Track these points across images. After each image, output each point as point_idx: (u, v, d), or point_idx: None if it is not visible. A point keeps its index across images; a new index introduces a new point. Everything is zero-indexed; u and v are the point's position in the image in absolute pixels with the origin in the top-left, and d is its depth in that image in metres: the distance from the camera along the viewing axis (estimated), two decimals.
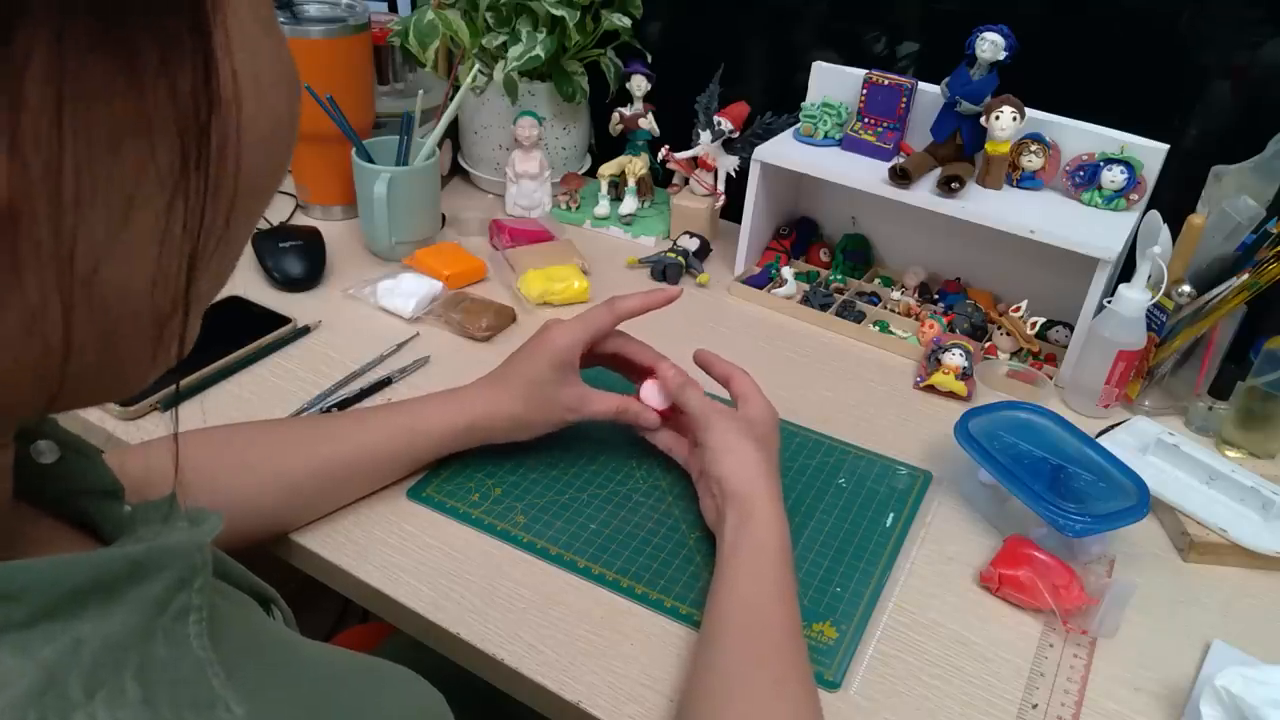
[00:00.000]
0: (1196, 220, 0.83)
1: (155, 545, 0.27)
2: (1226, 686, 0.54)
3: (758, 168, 1.01)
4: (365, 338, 0.89)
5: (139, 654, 0.25)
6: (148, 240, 0.23)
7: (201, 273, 0.25)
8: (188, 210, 0.23)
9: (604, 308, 0.72)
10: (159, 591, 0.27)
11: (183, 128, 0.22)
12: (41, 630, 0.23)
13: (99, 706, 0.23)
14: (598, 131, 1.24)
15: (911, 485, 0.77)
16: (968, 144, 0.96)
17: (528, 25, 1.08)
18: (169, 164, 0.22)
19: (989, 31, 0.90)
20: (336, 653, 0.37)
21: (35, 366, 0.23)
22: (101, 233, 0.21)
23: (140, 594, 0.26)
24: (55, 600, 0.24)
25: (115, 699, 0.23)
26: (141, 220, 0.22)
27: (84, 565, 0.25)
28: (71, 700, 0.23)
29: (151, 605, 0.26)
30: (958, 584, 0.68)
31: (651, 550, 0.68)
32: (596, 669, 0.59)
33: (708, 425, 0.67)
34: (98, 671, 0.23)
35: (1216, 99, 0.94)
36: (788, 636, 0.57)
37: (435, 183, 1.06)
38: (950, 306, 1.00)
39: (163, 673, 0.25)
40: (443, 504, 0.70)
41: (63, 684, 0.23)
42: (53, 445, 0.31)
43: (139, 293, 0.24)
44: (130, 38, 0.20)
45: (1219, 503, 0.75)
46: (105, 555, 0.26)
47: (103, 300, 0.23)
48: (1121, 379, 0.85)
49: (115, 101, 0.20)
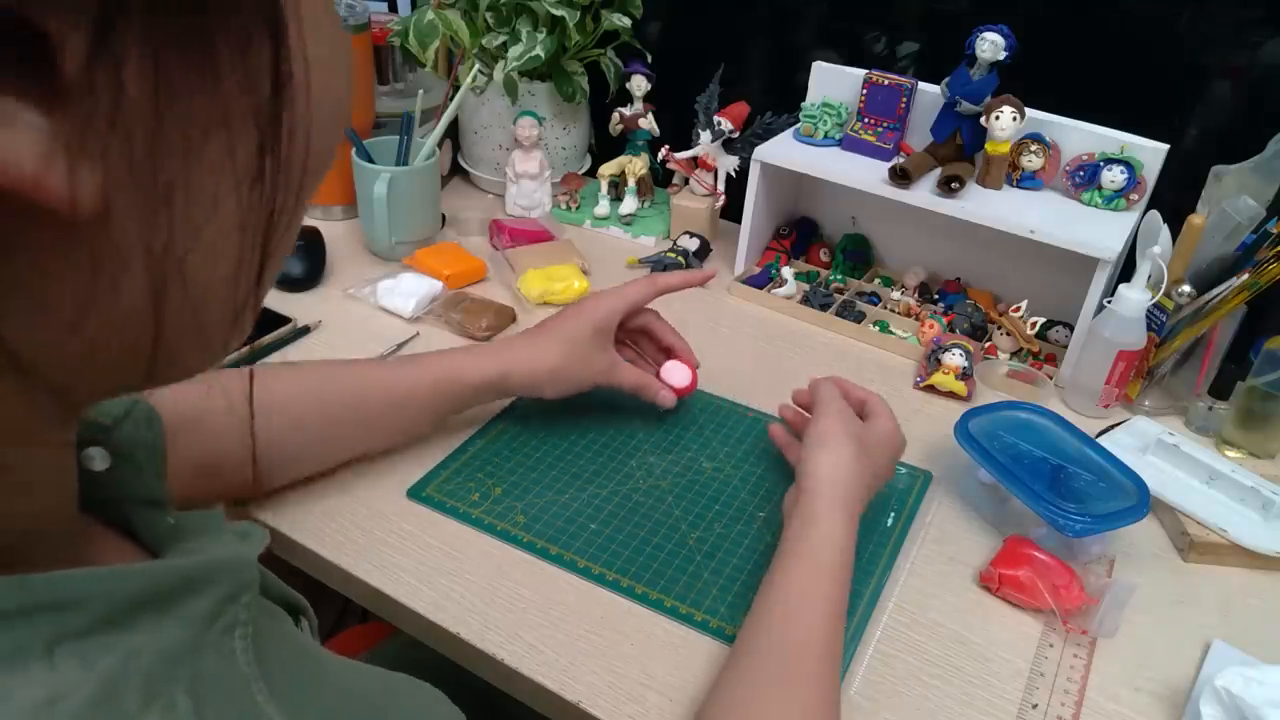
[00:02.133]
0: (1196, 220, 0.83)
1: (207, 560, 0.27)
2: (1226, 687, 0.54)
3: (758, 168, 1.01)
4: (365, 338, 0.89)
5: (190, 668, 0.25)
6: (231, 229, 0.23)
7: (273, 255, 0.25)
8: (263, 196, 0.23)
9: (645, 281, 0.77)
10: (209, 606, 0.27)
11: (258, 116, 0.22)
12: (98, 640, 0.23)
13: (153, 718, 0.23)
14: (598, 131, 1.24)
15: (911, 485, 0.77)
16: (968, 144, 0.96)
17: (528, 25, 1.08)
18: (247, 153, 0.22)
19: (989, 31, 0.90)
20: (359, 668, 0.37)
21: (124, 358, 0.23)
22: (189, 226, 0.21)
23: (191, 608, 0.26)
24: (112, 610, 0.24)
25: (168, 712, 0.23)
26: (225, 210, 0.22)
27: (139, 577, 0.25)
28: (127, 713, 0.23)
29: (201, 620, 0.26)
30: (958, 584, 0.68)
31: (651, 550, 0.68)
32: (596, 669, 0.59)
33: (822, 413, 0.67)
34: (152, 684, 0.24)
35: (1216, 99, 0.94)
36: (824, 662, 0.54)
37: (435, 183, 1.06)
38: (950, 306, 1.00)
39: (212, 687, 0.25)
40: (443, 504, 0.70)
41: (120, 696, 0.23)
42: (104, 453, 0.32)
43: (224, 280, 0.24)
44: (209, 30, 0.20)
45: (1219, 503, 0.75)
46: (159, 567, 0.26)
47: (192, 292, 0.23)
48: (1121, 379, 0.85)
49: (197, 96, 0.20)
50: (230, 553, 0.29)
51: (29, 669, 0.22)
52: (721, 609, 0.64)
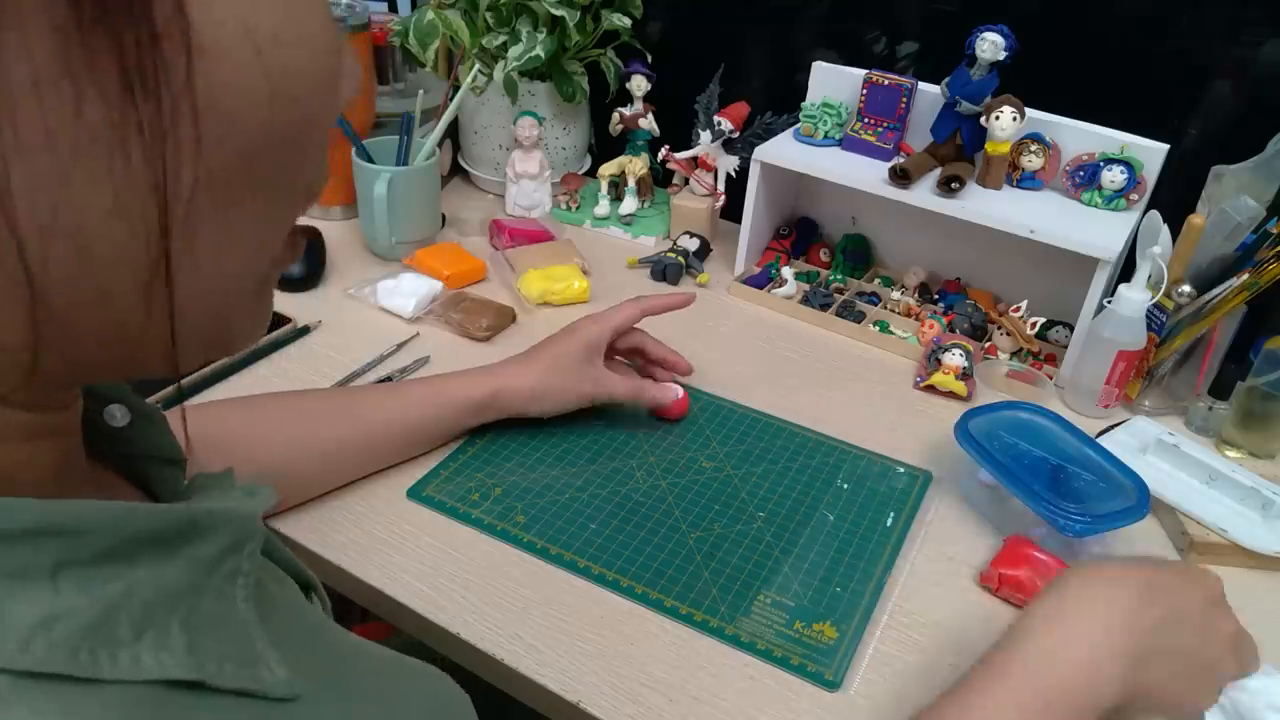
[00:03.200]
0: (1196, 220, 0.83)
1: (213, 508, 0.28)
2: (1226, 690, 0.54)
3: (758, 168, 1.01)
4: (365, 338, 0.89)
5: (188, 606, 0.26)
6: (103, 187, 0.22)
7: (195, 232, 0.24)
8: (148, 161, 0.22)
9: (631, 304, 0.80)
10: (212, 552, 0.28)
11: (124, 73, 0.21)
12: (101, 570, 0.24)
13: (144, 647, 0.24)
14: (598, 131, 1.24)
15: (911, 485, 0.77)
16: (968, 144, 0.96)
17: (528, 25, 1.08)
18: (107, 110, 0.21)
19: (989, 31, 0.90)
20: (367, 643, 0.38)
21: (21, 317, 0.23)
22: (47, 174, 0.21)
23: (194, 552, 0.27)
24: (116, 543, 0.25)
25: (161, 642, 0.25)
26: (92, 165, 0.22)
27: (145, 515, 0.26)
28: (120, 639, 0.24)
29: (204, 564, 0.27)
30: (958, 584, 0.68)
31: (651, 550, 0.68)
32: (596, 669, 0.59)
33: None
34: (148, 615, 0.25)
35: (1216, 99, 0.94)
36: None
37: (435, 183, 1.06)
38: (950, 306, 1.00)
39: (209, 626, 0.26)
40: (443, 504, 0.70)
41: (115, 623, 0.24)
42: (124, 409, 0.33)
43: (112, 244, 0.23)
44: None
45: (1219, 503, 0.75)
46: (166, 509, 0.27)
47: (70, 248, 0.22)
48: (1121, 379, 0.85)
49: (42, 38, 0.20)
50: (236, 505, 0.30)
51: (34, 588, 0.23)
52: (721, 609, 0.64)
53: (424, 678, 0.39)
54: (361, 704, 0.33)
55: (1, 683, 0.21)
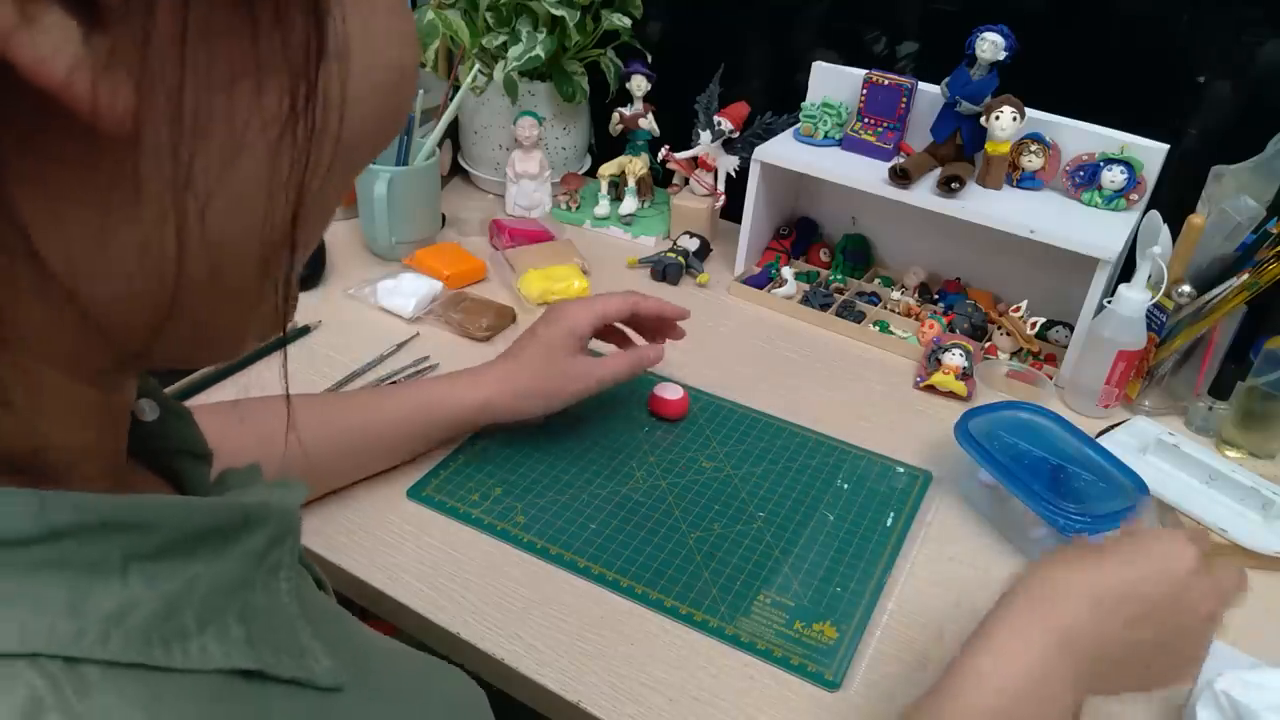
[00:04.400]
0: (1196, 220, 0.83)
1: (262, 502, 0.29)
2: (1226, 690, 0.54)
3: (758, 168, 1.01)
4: (365, 338, 0.89)
5: (241, 599, 0.27)
6: (257, 179, 0.23)
7: (304, 220, 0.25)
8: (294, 154, 0.23)
9: (620, 297, 0.76)
10: (260, 545, 0.28)
11: (293, 75, 0.22)
12: (163, 564, 0.25)
13: (210, 639, 0.25)
14: (598, 131, 1.24)
15: (911, 485, 0.77)
16: (968, 144, 0.96)
17: (528, 25, 1.08)
18: (276, 108, 0.23)
19: (989, 31, 0.90)
20: (382, 637, 0.39)
21: (147, 294, 0.24)
22: (215, 166, 0.22)
23: (244, 545, 0.28)
24: (178, 538, 0.25)
25: (223, 634, 0.25)
26: (250, 161, 0.23)
27: (205, 510, 0.26)
28: (187, 630, 0.24)
29: (253, 557, 0.28)
30: (958, 584, 0.68)
31: (651, 550, 0.68)
32: (596, 669, 0.59)
33: None
34: (208, 609, 0.25)
35: (1216, 99, 0.94)
36: None
37: (435, 183, 1.06)
38: (950, 306, 1.00)
39: (260, 619, 0.27)
40: (443, 504, 0.70)
41: (180, 615, 0.24)
42: (154, 404, 0.34)
43: (247, 231, 0.24)
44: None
45: (1219, 503, 0.75)
46: (221, 503, 0.27)
47: (214, 235, 0.23)
48: (1121, 379, 0.85)
49: (233, 41, 0.21)
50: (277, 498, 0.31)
51: (106, 580, 0.23)
52: (721, 609, 0.64)
53: (443, 673, 0.39)
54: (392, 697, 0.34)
55: (90, 672, 0.22)
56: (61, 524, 0.23)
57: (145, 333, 0.25)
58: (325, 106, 0.24)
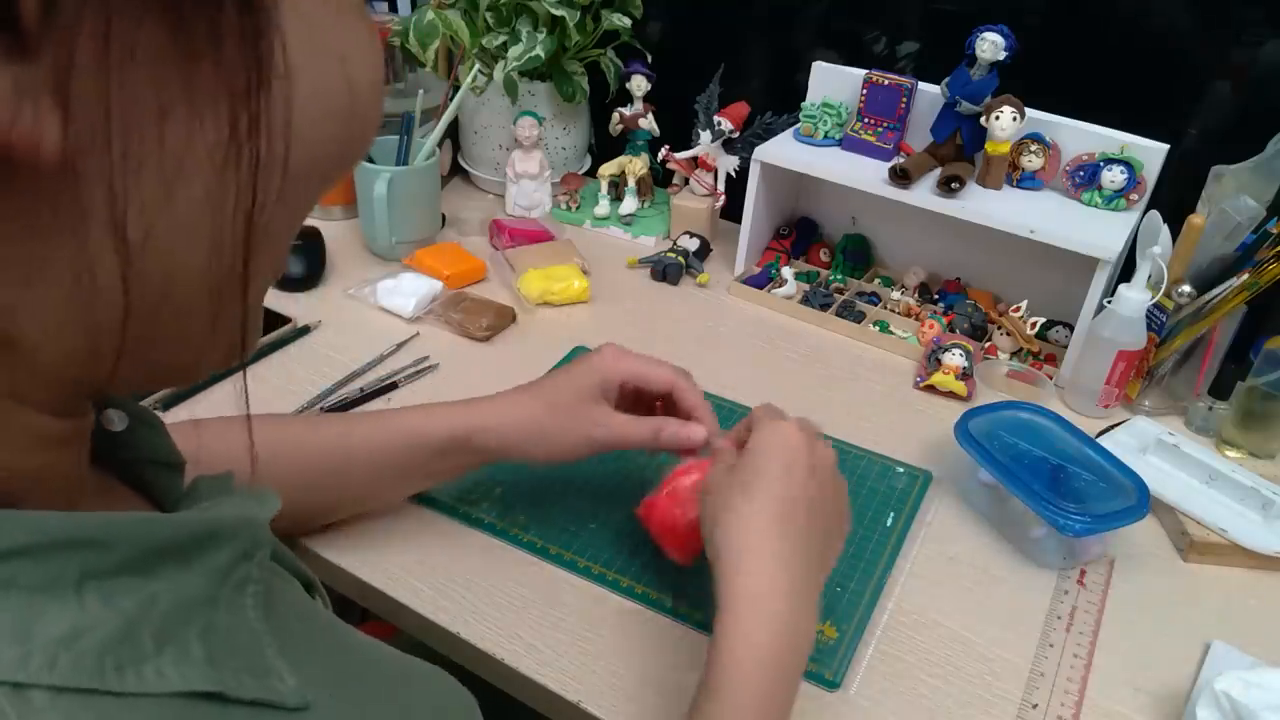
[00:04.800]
0: (1196, 220, 0.83)
1: (226, 516, 0.29)
2: (1226, 691, 0.54)
3: (758, 168, 1.01)
4: (365, 338, 0.89)
5: (203, 617, 0.26)
6: (200, 209, 0.23)
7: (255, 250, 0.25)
8: (239, 182, 0.23)
9: (667, 371, 0.65)
10: (225, 561, 0.28)
11: (233, 103, 0.22)
12: (122, 582, 0.24)
13: (167, 661, 0.24)
14: (598, 131, 1.24)
15: (911, 485, 0.77)
16: (968, 144, 0.96)
17: (528, 25, 1.08)
18: (217, 134, 0.22)
19: (989, 31, 0.90)
20: (374, 642, 0.38)
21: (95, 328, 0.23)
22: (153, 196, 0.22)
23: (209, 561, 0.27)
24: (138, 555, 0.25)
25: (182, 655, 0.25)
26: (193, 187, 0.22)
27: (167, 525, 0.26)
28: (144, 652, 0.24)
29: (217, 573, 0.27)
30: (958, 584, 0.68)
31: (652, 550, 0.68)
32: (596, 668, 0.59)
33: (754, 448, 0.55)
34: (168, 628, 0.25)
35: (1216, 99, 0.94)
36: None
37: (435, 183, 1.06)
38: (950, 306, 1.00)
39: (223, 638, 0.26)
40: (443, 503, 0.70)
41: (138, 636, 0.24)
42: (122, 414, 0.33)
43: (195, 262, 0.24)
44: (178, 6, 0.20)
45: (1219, 503, 0.75)
46: (186, 518, 0.27)
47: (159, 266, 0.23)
48: (1121, 379, 0.85)
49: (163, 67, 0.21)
50: (246, 511, 0.30)
51: (60, 600, 0.23)
52: None
53: (432, 678, 0.39)
54: (372, 706, 0.33)
55: (37, 697, 0.21)
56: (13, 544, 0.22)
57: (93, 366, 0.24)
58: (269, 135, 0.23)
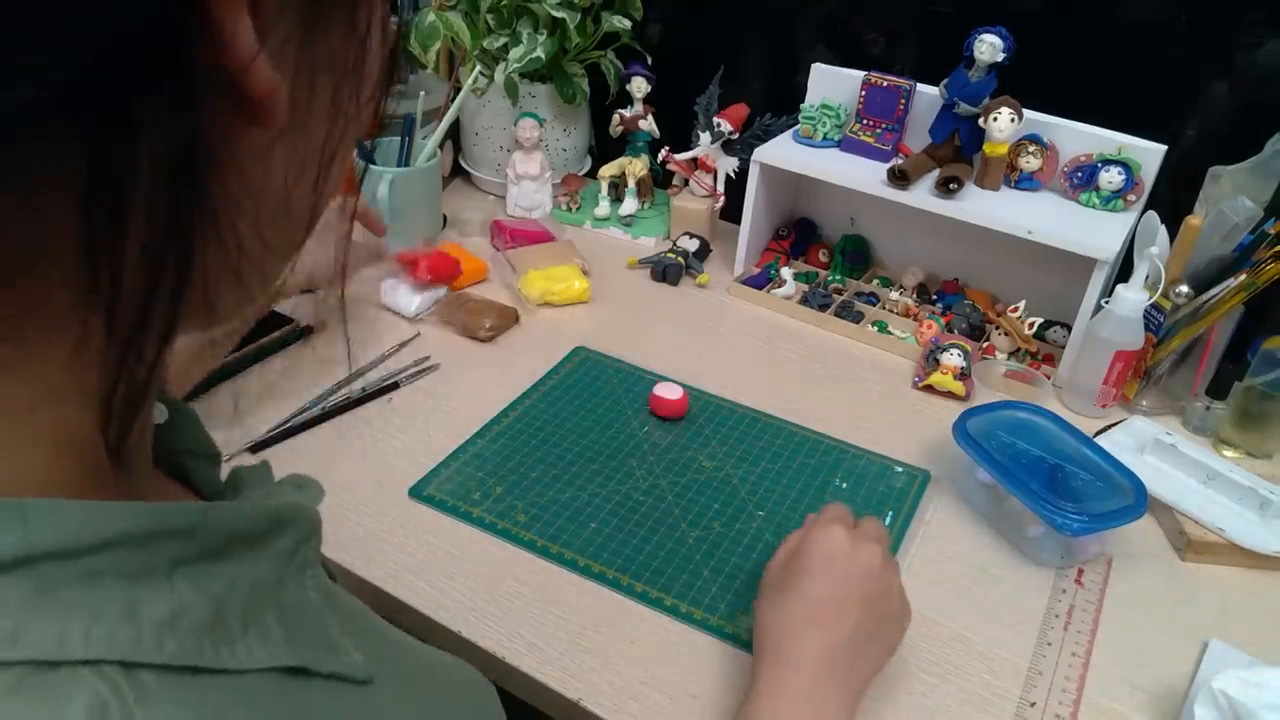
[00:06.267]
0: (1194, 221, 0.83)
1: (288, 503, 0.30)
2: (1223, 689, 0.54)
3: (757, 169, 1.01)
4: (367, 337, 0.90)
5: (276, 598, 0.27)
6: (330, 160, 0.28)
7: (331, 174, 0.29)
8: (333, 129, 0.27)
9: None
10: (290, 545, 0.29)
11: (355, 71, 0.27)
12: (205, 568, 0.25)
13: (253, 639, 0.26)
14: (598, 133, 1.25)
15: (910, 485, 0.77)
16: (966, 145, 0.96)
17: (528, 27, 1.08)
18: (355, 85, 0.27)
19: (987, 33, 0.90)
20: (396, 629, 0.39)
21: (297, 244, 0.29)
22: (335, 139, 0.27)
23: (274, 546, 0.29)
24: (216, 542, 0.26)
25: (264, 634, 0.26)
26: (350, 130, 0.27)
27: (240, 513, 0.27)
28: (233, 631, 0.25)
29: (284, 556, 0.29)
30: (956, 583, 0.68)
31: (651, 549, 0.68)
32: (596, 667, 0.59)
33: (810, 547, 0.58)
34: (249, 610, 0.26)
35: (1215, 99, 0.94)
36: None
37: (437, 184, 1.06)
38: (948, 307, 1.01)
39: (294, 617, 0.28)
40: (444, 503, 0.71)
41: (226, 617, 0.25)
42: (163, 407, 0.34)
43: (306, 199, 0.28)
44: None
45: (1216, 502, 0.76)
46: (254, 507, 0.28)
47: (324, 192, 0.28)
48: (1119, 379, 0.85)
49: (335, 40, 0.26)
50: (300, 498, 0.32)
51: (155, 586, 0.24)
52: (721, 607, 0.64)
53: (458, 666, 0.40)
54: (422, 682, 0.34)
55: (147, 678, 0.22)
56: (114, 533, 0.23)
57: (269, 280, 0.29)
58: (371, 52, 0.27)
